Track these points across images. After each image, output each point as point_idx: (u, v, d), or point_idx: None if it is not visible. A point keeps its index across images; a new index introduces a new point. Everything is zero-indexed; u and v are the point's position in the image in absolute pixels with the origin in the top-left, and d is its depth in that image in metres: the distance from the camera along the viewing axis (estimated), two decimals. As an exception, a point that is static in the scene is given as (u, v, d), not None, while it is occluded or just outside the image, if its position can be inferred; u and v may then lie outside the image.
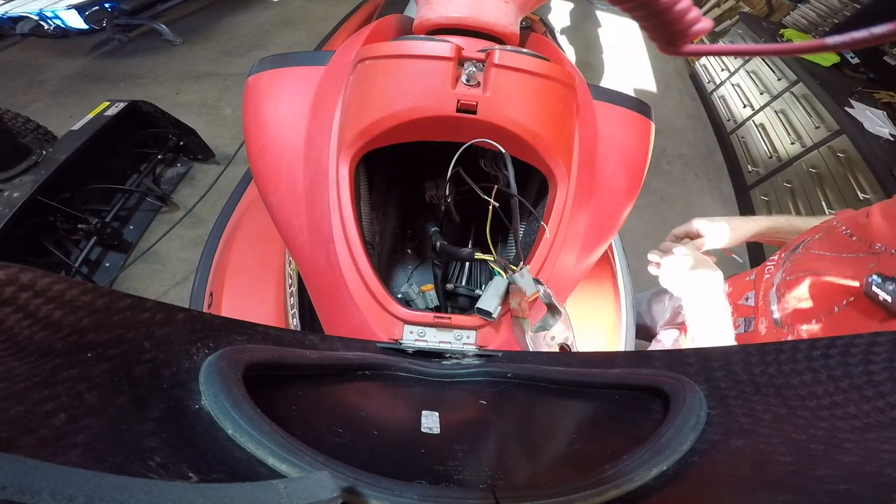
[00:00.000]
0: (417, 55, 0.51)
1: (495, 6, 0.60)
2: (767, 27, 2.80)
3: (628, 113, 0.68)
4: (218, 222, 1.03)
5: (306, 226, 0.60)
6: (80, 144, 1.63)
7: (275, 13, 3.59)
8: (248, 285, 0.84)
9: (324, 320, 0.62)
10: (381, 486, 0.22)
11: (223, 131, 2.43)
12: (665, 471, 0.26)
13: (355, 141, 0.55)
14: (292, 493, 0.16)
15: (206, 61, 2.97)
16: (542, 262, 0.57)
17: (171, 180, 2.12)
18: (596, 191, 0.64)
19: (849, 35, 0.19)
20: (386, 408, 0.43)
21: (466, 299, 0.70)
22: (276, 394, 0.33)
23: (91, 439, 0.18)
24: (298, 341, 0.44)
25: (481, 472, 0.30)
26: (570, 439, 0.37)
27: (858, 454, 0.23)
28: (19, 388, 0.19)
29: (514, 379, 0.47)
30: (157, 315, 0.30)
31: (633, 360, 0.45)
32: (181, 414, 0.24)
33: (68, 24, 2.59)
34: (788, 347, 0.33)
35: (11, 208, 1.39)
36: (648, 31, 0.24)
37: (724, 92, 2.95)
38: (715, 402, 0.32)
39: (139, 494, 0.13)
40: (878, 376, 0.28)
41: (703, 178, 2.65)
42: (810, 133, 2.07)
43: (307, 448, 0.23)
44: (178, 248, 1.89)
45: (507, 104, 0.51)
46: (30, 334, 0.22)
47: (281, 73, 0.66)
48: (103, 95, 2.08)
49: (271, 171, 0.64)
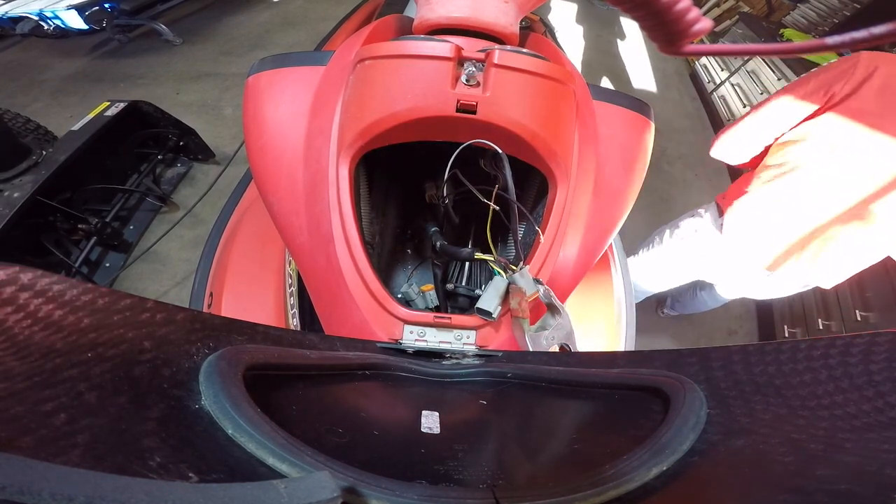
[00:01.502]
0: (417, 55, 0.51)
1: (495, 6, 0.60)
2: (767, 27, 2.80)
3: (628, 113, 0.68)
4: (218, 222, 1.03)
5: (306, 226, 0.60)
6: (80, 144, 1.63)
7: (275, 13, 3.59)
8: (248, 285, 0.84)
9: (324, 320, 0.62)
10: (381, 486, 0.22)
11: (223, 131, 2.43)
12: (665, 471, 0.26)
13: (355, 141, 0.55)
14: (292, 493, 0.16)
15: (206, 61, 2.97)
16: (542, 261, 0.57)
17: (171, 180, 2.12)
18: (596, 191, 0.64)
19: (849, 35, 0.19)
20: (386, 408, 0.43)
21: (466, 299, 0.70)
22: (276, 394, 0.33)
23: (91, 439, 0.18)
24: (298, 341, 0.44)
25: (481, 471, 0.30)
26: (570, 439, 0.37)
27: (858, 454, 0.23)
28: (19, 388, 0.19)
29: (514, 379, 0.47)
30: (157, 315, 0.30)
31: (633, 360, 0.45)
32: (181, 414, 0.24)
33: (68, 25, 2.59)
34: (788, 347, 0.33)
35: (11, 208, 1.39)
36: (648, 31, 0.24)
37: (724, 92, 2.95)
38: (715, 402, 0.32)
39: (139, 494, 0.13)
40: (878, 376, 0.28)
41: (703, 178, 2.65)
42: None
43: (307, 448, 0.23)
44: (178, 248, 1.89)
45: (506, 104, 0.51)
46: (30, 334, 0.22)
47: (281, 74, 0.66)
48: (103, 95, 2.08)
49: (271, 171, 0.64)
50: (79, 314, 0.25)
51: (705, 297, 1.55)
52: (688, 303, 1.68)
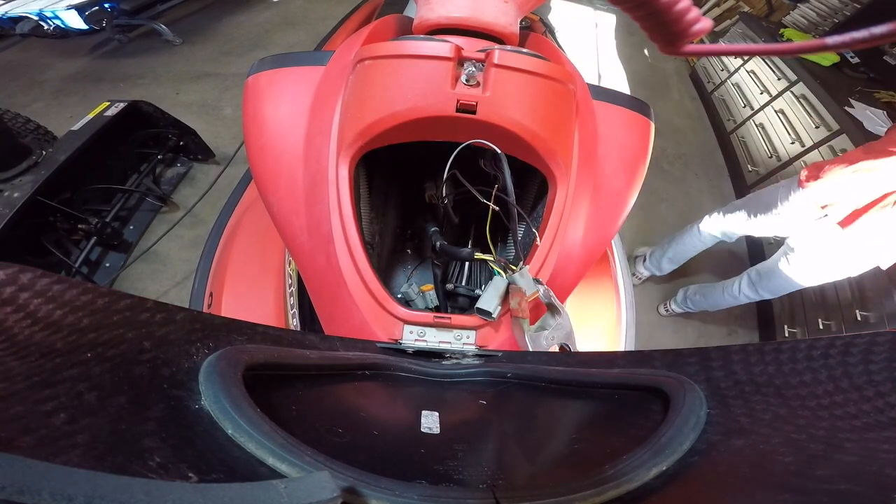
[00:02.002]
0: (417, 55, 0.51)
1: (495, 6, 0.60)
2: (767, 27, 2.80)
3: (628, 113, 0.68)
4: (218, 222, 1.03)
5: (306, 226, 0.60)
6: (80, 144, 1.63)
7: (275, 13, 3.59)
8: (248, 285, 0.84)
9: (324, 320, 0.62)
10: (381, 485, 0.22)
11: (223, 131, 2.43)
12: (665, 471, 0.26)
13: (355, 141, 0.55)
14: (292, 493, 0.16)
15: (206, 61, 2.97)
16: (542, 261, 0.57)
17: (171, 180, 2.12)
18: (596, 190, 0.64)
19: (849, 35, 0.19)
20: (386, 408, 0.43)
21: (466, 299, 0.70)
22: (276, 394, 0.33)
23: (91, 439, 0.18)
24: (298, 341, 0.45)
25: (481, 471, 0.30)
26: (570, 439, 0.37)
27: (858, 454, 0.23)
28: (19, 388, 0.19)
29: (514, 379, 0.47)
30: (157, 315, 0.30)
31: (633, 360, 0.45)
32: (181, 414, 0.24)
33: (68, 25, 2.58)
34: (788, 347, 0.33)
35: (11, 208, 1.39)
36: (648, 31, 0.24)
37: (724, 92, 2.95)
38: (715, 402, 0.32)
39: (139, 494, 0.13)
40: (878, 376, 0.28)
41: (703, 178, 2.65)
42: (810, 133, 2.07)
43: (307, 448, 0.23)
44: (178, 248, 1.89)
45: (506, 104, 0.51)
46: (30, 334, 0.22)
47: (281, 74, 0.66)
48: (103, 95, 2.08)
49: (271, 171, 0.64)
50: (78, 314, 0.25)
51: (727, 296, 1.64)
52: (708, 296, 1.73)
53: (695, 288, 1.80)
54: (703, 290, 1.75)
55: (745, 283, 1.59)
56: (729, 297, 1.64)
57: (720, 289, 1.68)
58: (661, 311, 1.92)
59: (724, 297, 1.66)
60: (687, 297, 1.81)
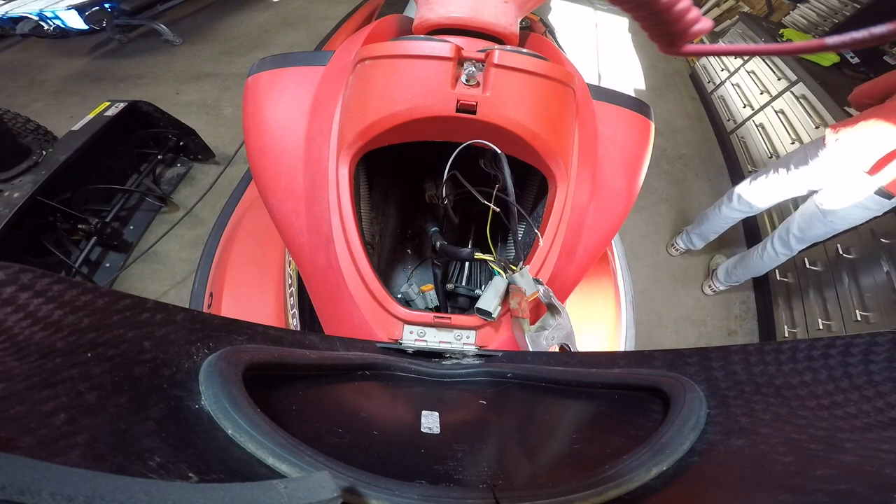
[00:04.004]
0: (417, 55, 0.51)
1: (495, 6, 0.60)
2: (767, 27, 2.80)
3: (628, 113, 0.68)
4: (218, 222, 1.03)
5: (306, 226, 0.60)
6: (80, 145, 1.63)
7: (275, 13, 3.59)
8: (248, 285, 0.84)
9: (324, 320, 0.62)
10: (381, 485, 0.22)
11: (223, 131, 2.43)
12: (665, 471, 0.26)
13: (355, 141, 0.55)
14: (292, 493, 0.16)
15: (206, 61, 2.97)
16: (542, 261, 0.57)
17: (171, 180, 2.12)
18: (596, 190, 0.64)
19: (849, 35, 0.19)
20: (386, 408, 0.43)
21: (466, 299, 0.70)
22: (276, 394, 0.33)
23: (91, 439, 0.18)
24: (298, 341, 0.44)
25: (481, 471, 0.30)
26: (570, 439, 0.37)
27: (858, 454, 0.23)
28: (19, 388, 0.19)
29: (514, 379, 0.47)
30: (157, 315, 0.30)
31: (633, 360, 0.45)
32: (181, 414, 0.24)
33: (68, 25, 2.59)
34: (788, 347, 0.33)
35: (11, 208, 1.39)
36: (648, 31, 0.24)
37: (724, 92, 2.95)
38: (715, 402, 0.32)
39: (139, 494, 0.13)
40: (878, 376, 0.28)
41: (703, 178, 2.65)
42: (810, 133, 2.06)
43: (307, 448, 0.23)
44: (178, 248, 1.89)
45: (506, 104, 0.51)
46: (30, 334, 0.22)
47: (281, 74, 0.66)
48: (103, 95, 2.08)
49: (271, 171, 0.64)
50: (79, 314, 0.25)
51: (765, 259, 1.71)
52: (748, 266, 1.78)
53: (733, 261, 1.86)
54: (741, 262, 1.81)
55: (776, 241, 1.65)
56: (767, 259, 1.70)
57: (755, 255, 1.74)
58: (706, 292, 1.97)
59: (762, 261, 1.72)
60: (728, 272, 1.87)
